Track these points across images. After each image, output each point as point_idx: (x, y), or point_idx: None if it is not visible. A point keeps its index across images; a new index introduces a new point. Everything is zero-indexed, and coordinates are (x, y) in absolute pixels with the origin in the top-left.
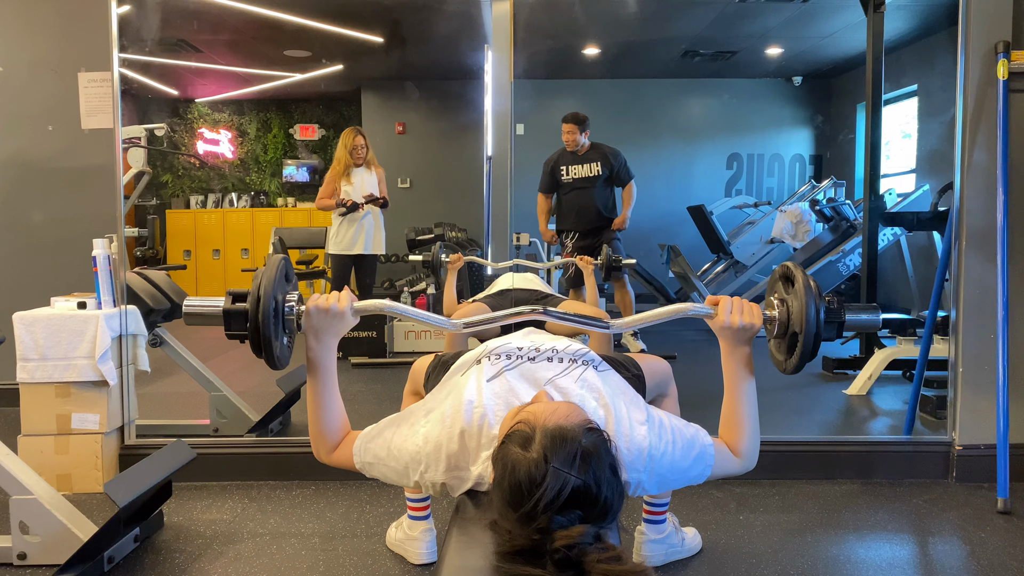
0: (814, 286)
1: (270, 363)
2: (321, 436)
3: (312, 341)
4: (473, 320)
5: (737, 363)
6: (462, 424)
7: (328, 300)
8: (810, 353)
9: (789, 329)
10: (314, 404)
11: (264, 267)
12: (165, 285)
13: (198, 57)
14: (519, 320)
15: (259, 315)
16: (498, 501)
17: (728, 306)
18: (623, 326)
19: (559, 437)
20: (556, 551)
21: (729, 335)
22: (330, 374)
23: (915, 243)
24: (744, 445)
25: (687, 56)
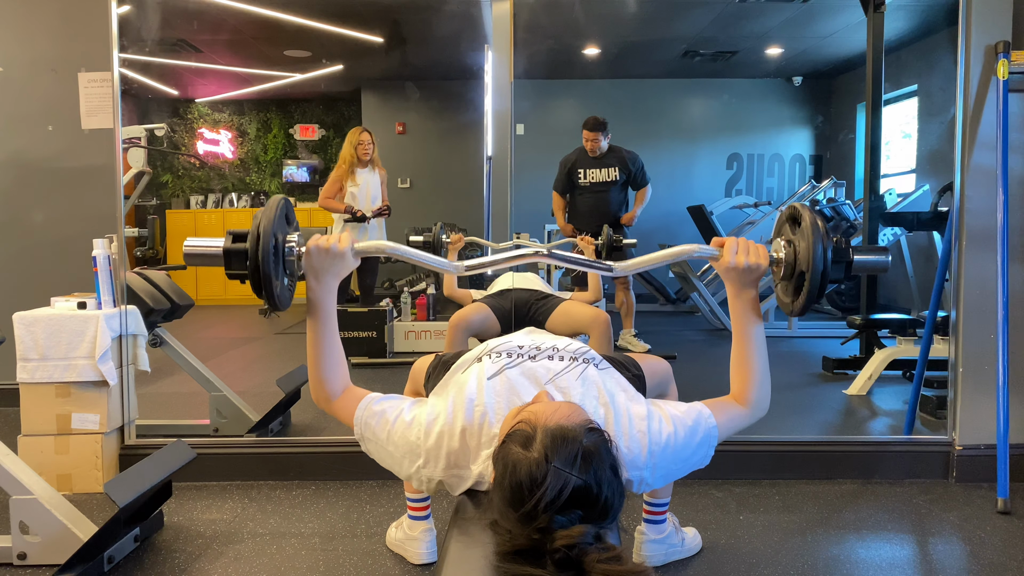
0: (821, 226)
1: (271, 303)
2: (320, 382)
3: (312, 282)
4: (475, 263)
5: (744, 306)
6: (463, 422)
7: (329, 240)
8: (817, 293)
9: (796, 269)
10: (314, 347)
11: (264, 207)
12: (165, 285)
13: (198, 57)
14: (522, 261)
15: (259, 253)
16: (498, 501)
17: (733, 247)
18: (626, 268)
19: (560, 437)
20: (556, 551)
21: (735, 276)
22: (330, 317)
23: (915, 243)
24: (753, 392)
25: (687, 56)
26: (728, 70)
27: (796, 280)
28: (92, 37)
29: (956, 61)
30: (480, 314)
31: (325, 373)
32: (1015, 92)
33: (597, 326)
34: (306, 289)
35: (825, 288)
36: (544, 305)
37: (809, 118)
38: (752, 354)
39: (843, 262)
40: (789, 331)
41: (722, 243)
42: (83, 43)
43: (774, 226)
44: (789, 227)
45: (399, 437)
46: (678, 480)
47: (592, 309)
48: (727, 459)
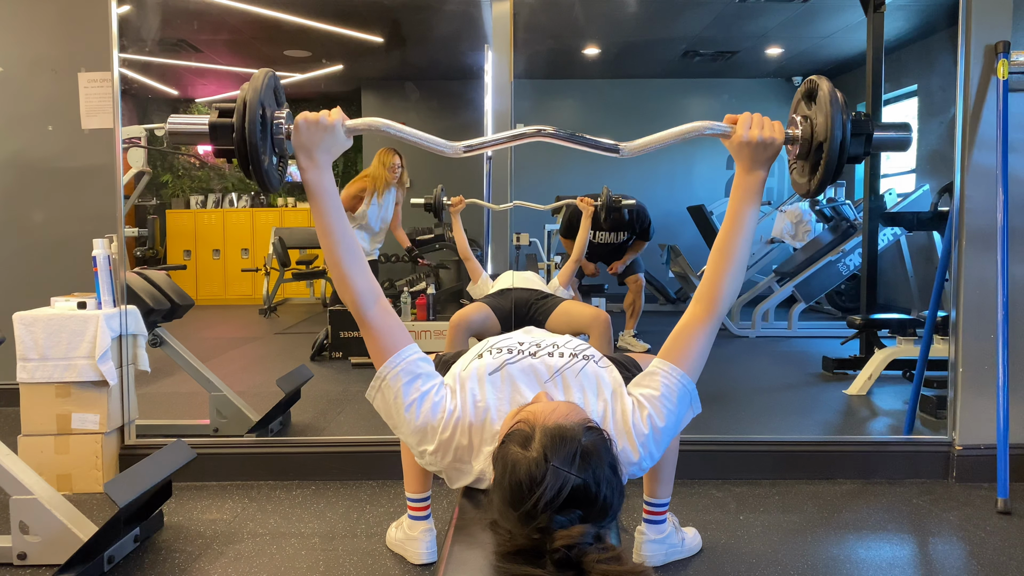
0: (840, 97)
1: (259, 181)
2: (344, 277)
3: (305, 161)
4: (474, 143)
5: (749, 186)
6: (470, 418)
7: (318, 114)
8: (835, 168)
9: (813, 143)
10: (326, 234)
11: (250, 80)
12: (165, 285)
13: (198, 57)
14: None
15: (245, 125)
16: (498, 500)
17: (747, 121)
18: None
19: (559, 436)
20: (556, 551)
21: (747, 153)
22: (332, 196)
23: (915, 243)
24: (724, 285)
25: (687, 56)
26: (728, 70)
27: (813, 156)
28: (92, 37)
29: (956, 61)
30: (480, 314)
31: (347, 266)
32: (1015, 92)
33: (597, 325)
34: (300, 172)
35: (843, 163)
36: (544, 305)
37: None
38: (739, 239)
39: (863, 135)
40: (789, 331)
41: (735, 119)
42: (83, 43)
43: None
44: (805, 104)
45: (422, 414)
46: (678, 480)
47: (592, 309)
48: (727, 459)
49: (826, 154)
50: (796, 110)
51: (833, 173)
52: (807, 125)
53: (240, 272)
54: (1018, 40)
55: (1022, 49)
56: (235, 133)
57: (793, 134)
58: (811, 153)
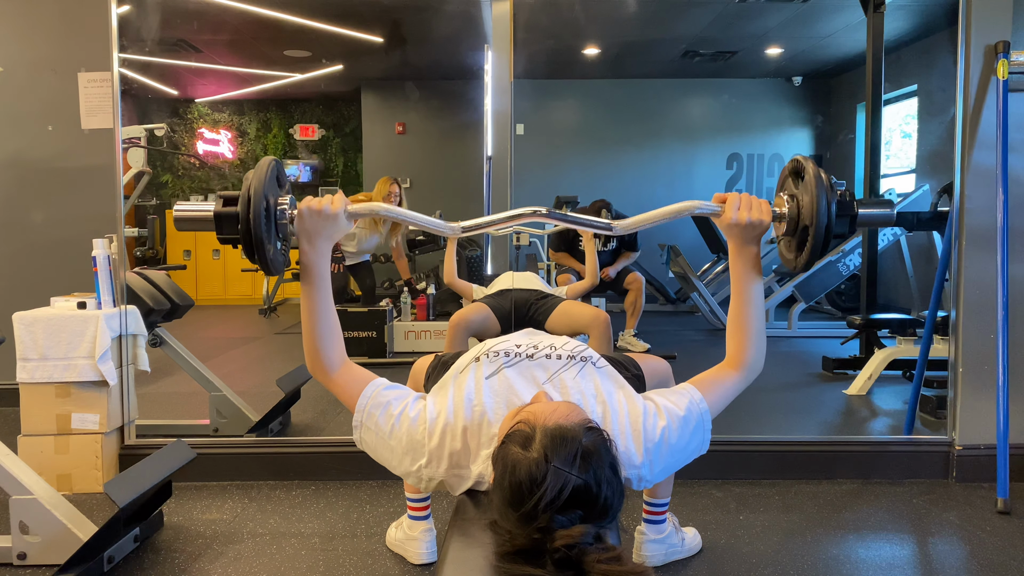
0: (825, 179)
1: (264, 267)
2: (317, 351)
3: (305, 245)
4: (471, 224)
5: (745, 264)
6: (464, 421)
7: (321, 202)
8: (821, 247)
9: (799, 224)
10: (309, 315)
11: (254, 168)
12: (165, 285)
13: (198, 57)
14: (520, 222)
15: (250, 216)
16: (498, 501)
17: (736, 202)
18: (626, 227)
19: (559, 437)
20: (556, 551)
21: (737, 233)
22: (324, 281)
23: (915, 243)
24: (749, 351)
25: (687, 56)
26: (728, 70)
27: (800, 235)
28: (92, 37)
29: (956, 61)
30: (480, 314)
31: (321, 342)
32: (1015, 92)
33: (597, 326)
34: (299, 253)
35: (829, 243)
36: (544, 305)
37: (809, 118)
38: (750, 312)
39: (848, 216)
40: (789, 331)
41: (724, 199)
42: (83, 43)
43: (777, 182)
44: (792, 181)
45: (403, 433)
46: (678, 480)
47: (592, 309)
48: (727, 459)
49: (812, 237)
50: (783, 187)
51: (820, 252)
52: (794, 205)
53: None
54: (1018, 40)
55: (1022, 49)
56: (240, 224)
57: (780, 212)
58: (797, 232)
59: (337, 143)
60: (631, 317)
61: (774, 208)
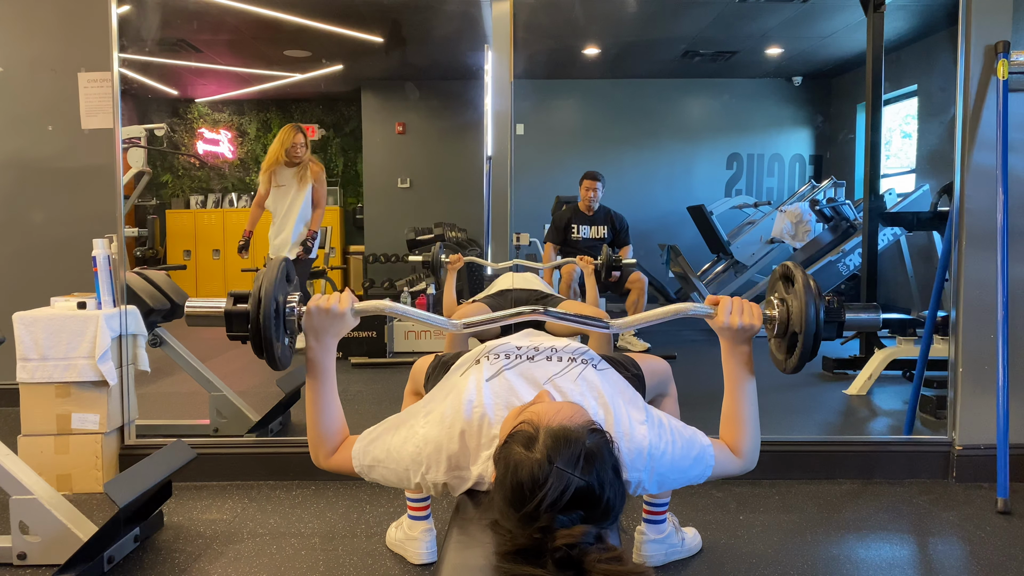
0: (814, 286)
1: (271, 364)
2: (320, 439)
3: (312, 341)
4: (473, 320)
5: (737, 362)
6: (462, 424)
7: (329, 301)
8: (810, 353)
9: (789, 329)
10: (313, 406)
11: (265, 268)
12: (165, 285)
13: (198, 57)
14: (519, 320)
15: (260, 316)
16: (500, 501)
17: (728, 306)
18: (623, 326)
19: (563, 437)
20: (557, 550)
21: (729, 335)
22: (329, 376)
23: (915, 243)
24: (745, 445)
25: (687, 56)
26: (728, 70)
27: (789, 339)
28: (92, 37)
29: (956, 61)
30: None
31: (324, 431)
32: (1015, 92)
33: None
34: (306, 349)
35: (818, 347)
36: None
37: (809, 118)
38: (744, 409)
39: (835, 322)
40: None
41: (717, 301)
42: (83, 43)
43: (768, 283)
44: (782, 285)
45: (398, 451)
46: None
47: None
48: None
49: (800, 343)
50: (774, 290)
51: (809, 356)
52: (783, 309)
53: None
54: (1018, 40)
55: (1022, 49)
56: (250, 324)
57: (771, 315)
58: (787, 336)
59: (337, 143)
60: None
61: (764, 311)
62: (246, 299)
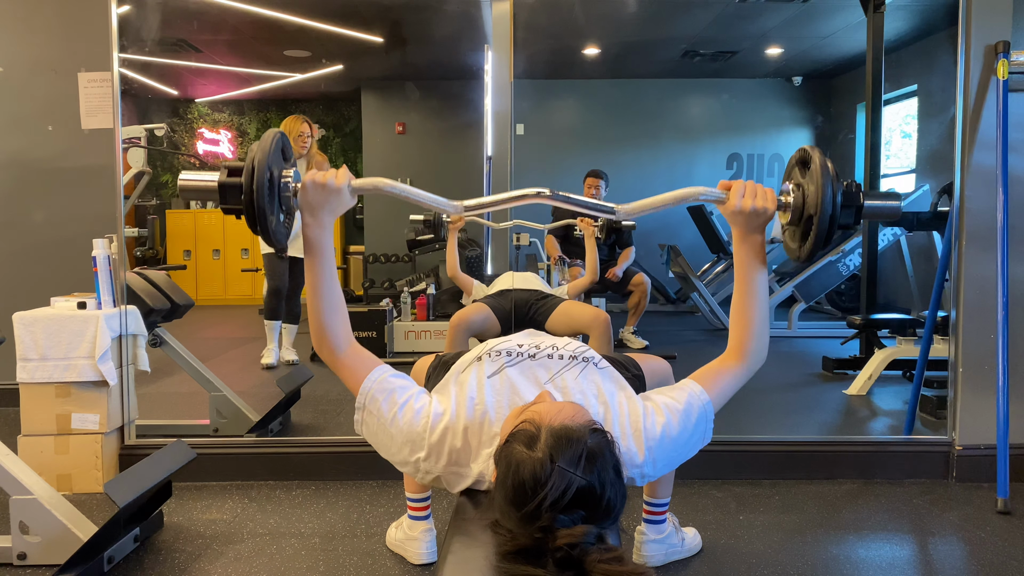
0: (831, 169)
1: (266, 238)
2: (323, 328)
3: (308, 218)
4: (474, 203)
5: (748, 252)
6: (466, 420)
7: (326, 176)
8: (824, 237)
9: (804, 213)
10: (313, 290)
11: (259, 141)
12: (165, 285)
13: (198, 57)
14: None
15: (254, 186)
16: (500, 500)
17: (740, 190)
18: (630, 211)
19: (564, 437)
20: (558, 550)
21: (741, 220)
22: (328, 255)
23: (915, 243)
24: (752, 341)
25: (687, 56)
26: (728, 70)
27: (804, 225)
28: (92, 37)
29: (956, 61)
30: (480, 314)
31: (327, 318)
32: (1015, 92)
33: (597, 326)
34: (302, 227)
35: (833, 233)
36: (544, 305)
37: (809, 118)
38: (754, 301)
39: (853, 206)
40: (789, 331)
41: (729, 186)
42: (83, 43)
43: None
44: (799, 170)
45: (405, 423)
46: (678, 480)
47: (592, 309)
48: (727, 459)
49: (816, 226)
50: (790, 176)
51: (823, 242)
52: (799, 194)
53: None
54: (1018, 40)
55: (1022, 49)
56: (243, 195)
57: (785, 202)
58: (802, 222)
59: (337, 143)
60: (632, 316)
61: (779, 197)
62: (241, 172)
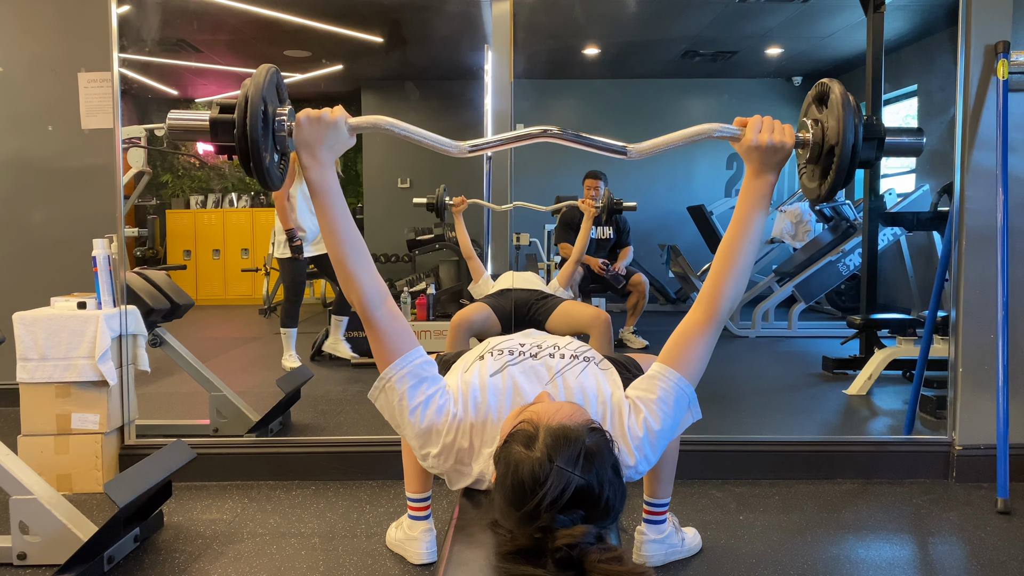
0: (852, 100)
1: (260, 178)
2: (349, 276)
3: (307, 159)
4: (480, 143)
5: (757, 191)
6: (470, 419)
7: (320, 111)
8: (846, 173)
9: (824, 147)
10: (331, 234)
11: (252, 76)
12: (165, 285)
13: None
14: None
15: (247, 122)
16: (500, 500)
17: (757, 124)
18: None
19: (563, 437)
20: (557, 550)
21: (756, 157)
22: (338, 194)
23: (915, 243)
24: (725, 289)
25: (687, 56)
26: (728, 70)
27: (824, 160)
28: (92, 37)
29: (956, 61)
30: (481, 314)
31: (353, 264)
32: (1015, 92)
33: (597, 326)
34: (303, 171)
35: (855, 168)
36: (544, 305)
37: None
38: (744, 242)
39: (875, 139)
40: (789, 331)
41: (745, 122)
42: (83, 43)
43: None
44: (816, 107)
45: (427, 417)
46: (678, 480)
47: (592, 309)
48: (727, 459)
49: (837, 158)
50: (807, 113)
51: (845, 177)
52: (818, 129)
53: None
54: (1018, 40)
55: (1022, 49)
56: (236, 129)
57: (804, 138)
58: (822, 157)
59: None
60: (632, 316)
61: (798, 134)
62: (233, 109)
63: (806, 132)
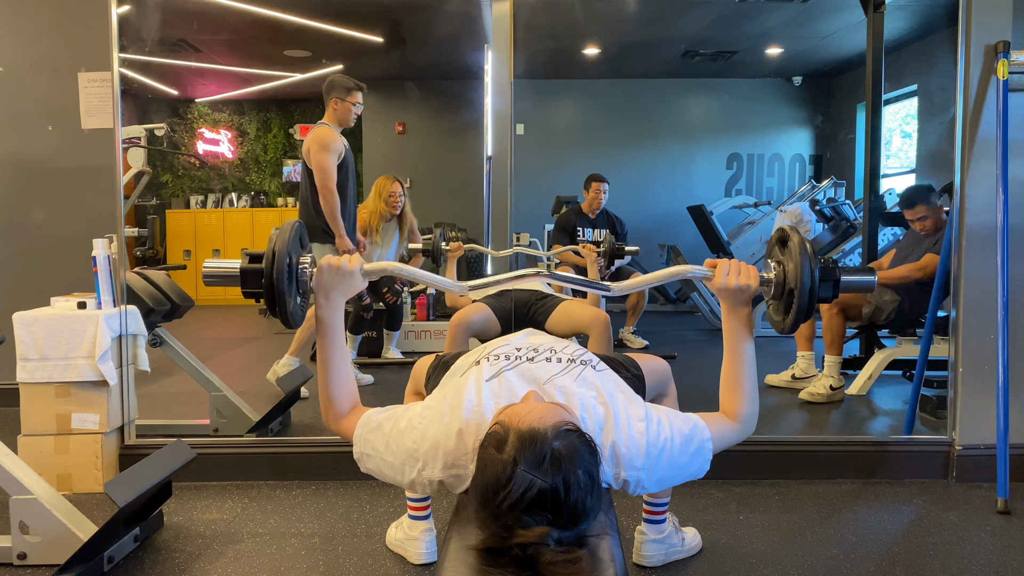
0: (809, 247)
1: (284, 319)
2: (329, 400)
3: (321, 299)
4: (478, 283)
5: (736, 324)
6: (461, 423)
7: (340, 260)
8: (805, 311)
9: (785, 288)
10: (323, 365)
11: (279, 229)
12: (165, 285)
13: (198, 57)
14: (524, 280)
15: (274, 272)
16: (472, 499)
17: (725, 268)
18: (623, 288)
19: (530, 439)
20: (511, 548)
21: (728, 296)
22: (338, 334)
23: None
24: (743, 408)
25: (687, 56)
26: (728, 70)
27: (786, 299)
28: (92, 37)
29: (956, 61)
30: (481, 314)
31: (334, 390)
32: (1015, 92)
33: (597, 326)
34: (315, 307)
35: (814, 306)
36: (544, 305)
37: (809, 118)
38: (743, 370)
39: (831, 280)
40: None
41: (715, 264)
42: (83, 43)
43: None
44: (779, 249)
45: (396, 445)
46: None
47: (592, 309)
48: (727, 459)
49: (797, 299)
50: (771, 254)
51: (805, 314)
52: (780, 270)
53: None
54: (1018, 40)
55: (1022, 49)
56: (264, 279)
57: (767, 278)
58: (784, 296)
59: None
60: (631, 316)
61: (761, 274)
62: (261, 258)
63: (769, 272)
